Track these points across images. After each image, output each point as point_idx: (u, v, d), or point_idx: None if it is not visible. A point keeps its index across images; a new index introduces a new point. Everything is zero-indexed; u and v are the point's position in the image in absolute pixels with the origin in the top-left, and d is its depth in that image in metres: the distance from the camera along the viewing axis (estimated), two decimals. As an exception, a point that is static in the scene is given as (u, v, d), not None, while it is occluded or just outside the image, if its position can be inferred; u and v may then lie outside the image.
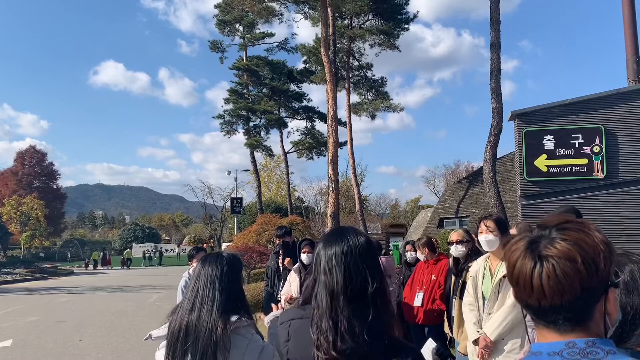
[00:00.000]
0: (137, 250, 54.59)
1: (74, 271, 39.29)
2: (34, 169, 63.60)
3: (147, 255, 50.66)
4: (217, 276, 2.29)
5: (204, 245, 43.65)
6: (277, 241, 7.53)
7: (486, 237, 3.98)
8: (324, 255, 1.72)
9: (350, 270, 1.65)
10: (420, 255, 6.06)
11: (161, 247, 57.94)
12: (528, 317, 3.54)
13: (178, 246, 62.13)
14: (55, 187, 66.01)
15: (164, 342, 2.31)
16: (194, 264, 5.60)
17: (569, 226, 1.11)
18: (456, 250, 4.84)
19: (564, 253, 1.06)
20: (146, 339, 2.48)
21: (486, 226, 3.99)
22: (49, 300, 18.28)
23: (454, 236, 4.94)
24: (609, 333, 1.13)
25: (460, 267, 4.88)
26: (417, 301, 5.77)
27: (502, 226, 4.03)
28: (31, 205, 45.09)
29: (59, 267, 41.22)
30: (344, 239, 1.71)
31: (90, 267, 43.33)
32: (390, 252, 20.79)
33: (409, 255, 7.22)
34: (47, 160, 65.84)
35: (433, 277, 5.77)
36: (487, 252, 4.11)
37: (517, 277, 1.12)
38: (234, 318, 2.19)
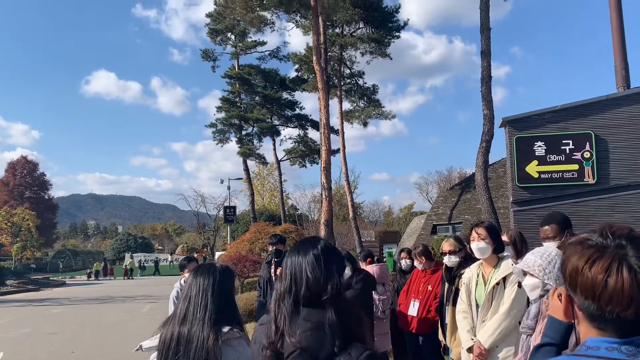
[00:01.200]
0: (137, 260, 54.30)
1: (66, 282, 38.99)
2: (25, 180, 63.23)
3: (142, 264, 50.51)
4: (210, 287, 2.28)
5: (197, 255, 43.54)
6: (270, 248, 7.50)
7: (478, 245, 3.98)
8: (283, 264, 1.94)
9: (295, 278, 1.83)
10: (418, 265, 6.05)
11: (157, 257, 57.77)
12: (522, 324, 3.53)
13: (171, 255, 61.87)
14: (47, 197, 65.64)
15: (155, 354, 2.30)
16: (186, 274, 5.57)
17: (636, 235, 1.13)
18: (449, 261, 4.84)
19: None
20: (137, 350, 2.47)
21: (477, 234, 4.00)
22: (40, 311, 18.11)
23: (445, 247, 4.94)
24: None
25: (452, 274, 4.89)
26: (413, 310, 5.76)
27: (493, 233, 4.04)
28: (22, 216, 44.75)
29: (51, 278, 40.88)
30: (299, 250, 1.90)
31: (92, 277, 43.14)
32: (384, 259, 20.79)
33: (404, 263, 7.20)
34: (38, 170, 65.55)
35: (429, 287, 5.74)
36: (480, 259, 4.12)
37: (612, 293, 1.07)
38: (225, 329, 2.18)
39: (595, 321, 1.13)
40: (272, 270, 7.14)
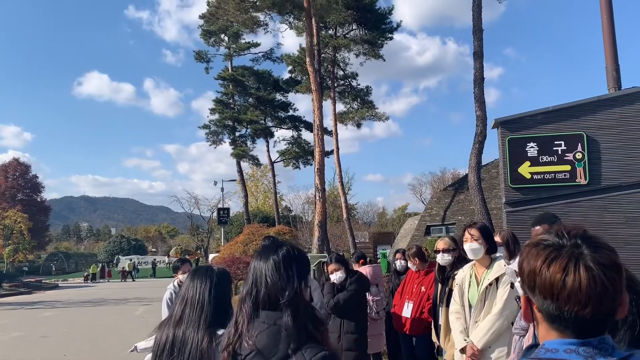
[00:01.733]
0: (124, 262, 54.08)
1: (59, 285, 38.78)
2: (18, 182, 62.78)
3: (135, 266, 50.34)
4: (206, 289, 2.28)
5: (189, 258, 43.41)
6: None
7: (471, 246, 3.99)
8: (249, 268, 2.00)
9: (256, 281, 1.88)
10: (412, 266, 6.05)
11: (155, 259, 57.63)
12: (515, 325, 3.56)
13: (168, 257, 61.71)
14: (39, 199, 65.20)
15: (150, 355, 2.30)
16: (180, 276, 5.55)
17: (590, 234, 1.16)
18: (443, 259, 4.85)
19: (613, 260, 1.11)
20: (131, 351, 2.47)
21: (470, 234, 4.01)
22: (33, 315, 18.00)
23: (440, 244, 4.95)
24: None
25: (446, 275, 4.90)
26: (407, 312, 5.75)
27: (486, 234, 4.05)
28: (14, 218, 44.43)
29: (44, 281, 40.63)
30: (261, 255, 1.96)
31: (90, 280, 42.77)
32: (378, 261, 20.81)
33: (399, 264, 7.20)
34: (30, 172, 65.09)
35: (423, 289, 5.75)
36: (473, 260, 4.13)
37: (570, 291, 1.09)
38: (220, 332, 2.18)
39: (554, 322, 1.14)
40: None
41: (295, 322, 1.77)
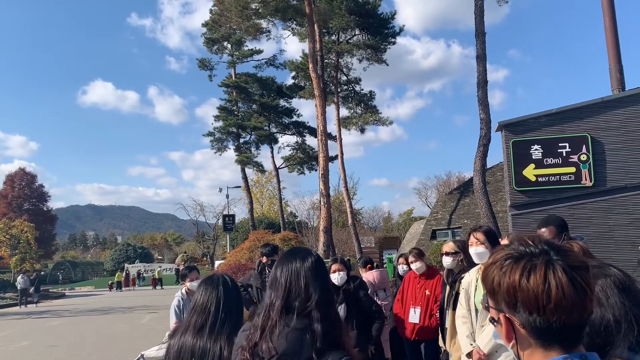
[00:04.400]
0: (131, 270, 54.04)
1: (65, 294, 38.86)
2: (24, 192, 63.09)
3: (140, 274, 50.32)
4: (222, 297, 2.29)
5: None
6: (265, 260, 7.08)
7: (476, 250, 3.99)
8: (274, 272, 1.95)
9: (291, 285, 1.85)
10: (416, 267, 5.94)
11: (178, 266, 57.55)
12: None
13: (184, 263, 61.73)
14: (45, 209, 65.46)
15: (161, 365, 2.29)
16: (187, 284, 5.56)
17: (556, 240, 1.15)
18: (445, 262, 4.85)
19: (582, 261, 1.08)
20: (137, 359, 2.46)
21: (476, 239, 4.01)
22: (40, 324, 18.04)
23: (444, 248, 4.96)
24: None
25: (453, 278, 4.88)
26: (414, 318, 5.67)
27: (491, 238, 4.05)
28: (21, 228, 44.59)
29: (50, 290, 40.72)
30: (295, 258, 1.92)
31: (115, 288, 42.31)
32: (384, 265, 20.77)
33: (401, 268, 7.14)
34: (37, 182, 65.39)
35: (427, 292, 5.71)
36: (479, 264, 4.12)
37: (556, 300, 1.03)
38: (236, 340, 2.19)
39: (541, 336, 1.08)
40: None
41: (323, 327, 1.74)
